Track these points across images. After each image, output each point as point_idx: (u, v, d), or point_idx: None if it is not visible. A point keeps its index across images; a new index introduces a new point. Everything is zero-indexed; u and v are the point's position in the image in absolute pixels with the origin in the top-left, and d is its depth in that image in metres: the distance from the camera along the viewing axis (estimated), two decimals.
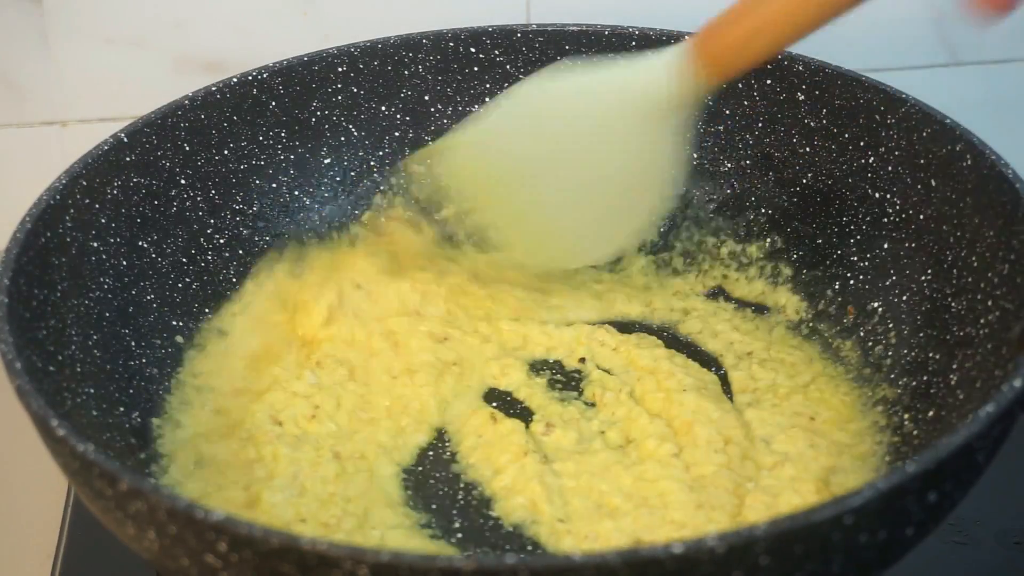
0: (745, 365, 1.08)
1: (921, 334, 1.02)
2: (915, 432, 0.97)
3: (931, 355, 1.00)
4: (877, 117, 1.09)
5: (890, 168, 1.08)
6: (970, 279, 0.99)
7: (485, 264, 1.15)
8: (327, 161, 1.18)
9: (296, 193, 1.17)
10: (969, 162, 1.01)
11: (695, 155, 1.19)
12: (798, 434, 1.00)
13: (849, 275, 1.10)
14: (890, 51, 1.36)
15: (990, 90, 1.39)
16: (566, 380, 1.08)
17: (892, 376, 1.02)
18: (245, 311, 1.11)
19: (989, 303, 0.96)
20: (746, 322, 1.12)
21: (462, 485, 0.98)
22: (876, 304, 1.07)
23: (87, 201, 1.02)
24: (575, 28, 1.20)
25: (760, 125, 1.16)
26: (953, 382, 0.96)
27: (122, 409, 0.98)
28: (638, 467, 0.97)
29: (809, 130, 1.13)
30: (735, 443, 0.99)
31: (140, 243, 1.07)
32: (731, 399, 1.04)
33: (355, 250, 1.16)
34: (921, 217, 1.05)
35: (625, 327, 1.12)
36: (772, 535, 0.72)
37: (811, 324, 1.11)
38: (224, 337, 1.09)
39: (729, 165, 1.18)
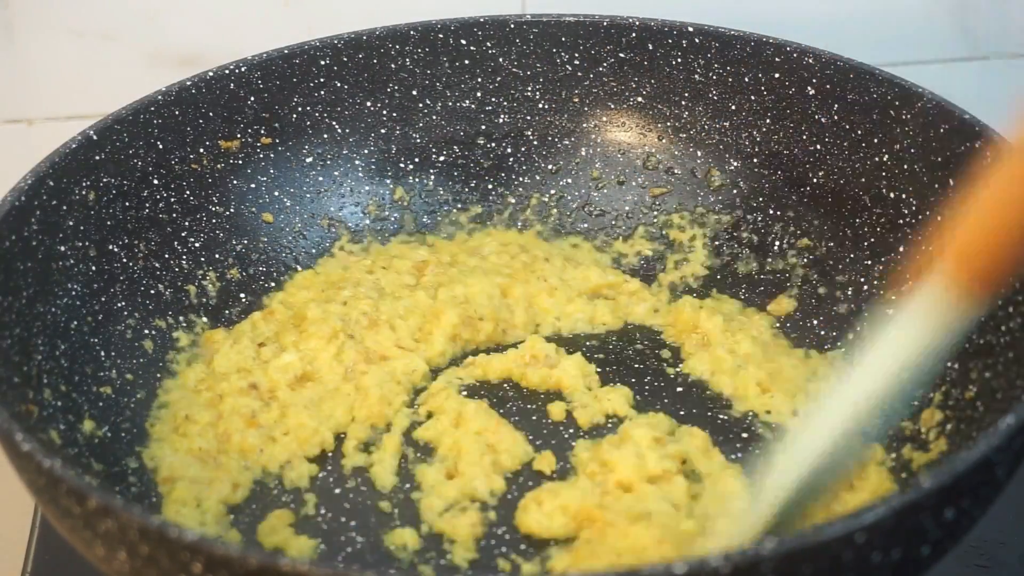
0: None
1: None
2: (931, 445, 0.98)
3: (949, 364, 1.00)
4: (892, 112, 1.09)
5: (906, 166, 1.08)
6: None
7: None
8: (309, 160, 1.19)
9: (276, 194, 1.17)
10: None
11: (699, 153, 1.19)
12: None
13: (863, 280, 1.10)
14: (907, 43, 1.36)
15: (1013, 84, 1.39)
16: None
17: (907, 388, 1.03)
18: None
19: (1010, 309, 0.96)
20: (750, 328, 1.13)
21: None
22: (891, 311, 1.07)
23: (54, 203, 1.03)
24: (572, 19, 1.20)
25: (768, 121, 1.16)
26: (972, 393, 0.96)
27: (91, 422, 0.98)
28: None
29: (820, 126, 1.14)
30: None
31: (110, 247, 1.07)
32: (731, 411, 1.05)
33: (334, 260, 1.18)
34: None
35: (627, 333, 1.14)
36: (779, 554, 0.72)
37: (821, 333, 1.11)
38: (197, 347, 1.10)
39: (736, 164, 1.18)
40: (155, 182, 1.11)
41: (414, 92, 1.21)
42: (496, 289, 1.14)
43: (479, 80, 1.21)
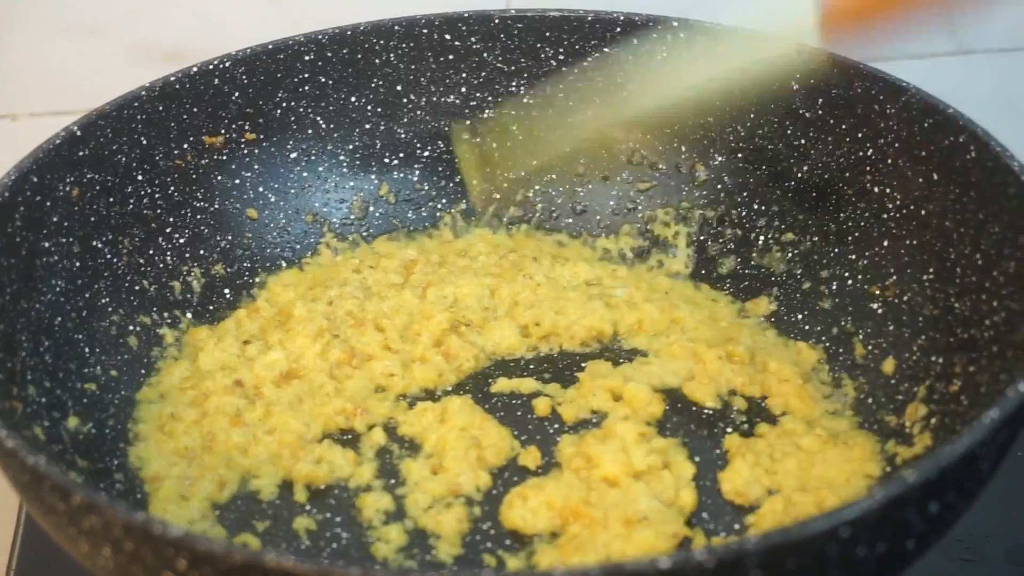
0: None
1: (923, 337, 1.02)
2: (915, 440, 0.98)
3: (933, 359, 1.00)
4: (876, 107, 1.09)
5: (890, 161, 1.09)
6: (974, 278, 0.99)
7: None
8: (293, 155, 1.19)
9: (260, 190, 1.17)
10: (973, 154, 1.01)
11: (684, 148, 1.19)
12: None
13: (847, 274, 1.10)
14: (891, 39, 1.36)
15: (996, 80, 1.40)
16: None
17: (892, 381, 1.03)
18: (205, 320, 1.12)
19: (995, 303, 0.96)
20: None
21: None
22: (875, 305, 1.07)
23: (38, 199, 1.02)
24: (556, 13, 1.20)
25: (752, 116, 1.16)
26: (956, 387, 0.97)
27: (76, 419, 0.98)
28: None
29: (804, 121, 1.14)
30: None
31: (94, 243, 1.07)
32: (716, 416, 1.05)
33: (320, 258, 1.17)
34: (923, 212, 1.05)
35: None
36: (764, 549, 0.73)
37: (805, 327, 1.11)
38: (181, 344, 1.10)
39: (720, 159, 1.18)
40: (139, 178, 1.11)
41: (398, 87, 1.21)
42: (486, 291, 1.14)
43: (464, 75, 1.21)
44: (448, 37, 1.20)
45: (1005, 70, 1.40)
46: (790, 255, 1.14)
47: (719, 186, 1.18)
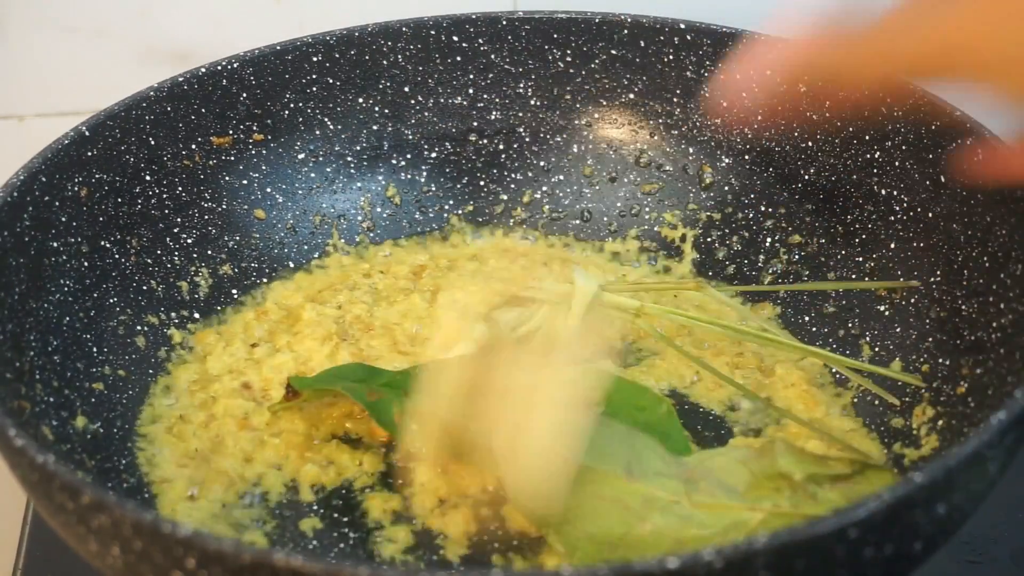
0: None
1: (929, 339, 1.02)
2: (923, 441, 0.98)
3: (940, 361, 1.00)
4: (883, 109, 1.09)
5: (897, 163, 1.09)
6: (981, 280, 0.99)
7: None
8: (301, 156, 1.19)
9: (268, 190, 1.17)
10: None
11: (691, 150, 1.19)
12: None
13: (854, 277, 1.10)
14: None
15: None
16: None
17: (899, 383, 1.03)
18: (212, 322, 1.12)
19: (1002, 306, 0.97)
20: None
21: None
22: (882, 307, 1.07)
23: (46, 199, 1.03)
24: (564, 15, 1.20)
25: (759, 118, 1.16)
26: (963, 390, 0.97)
27: (83, 418, 0.99)
28: None
29: (811, 123, 1.14)
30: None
31: (103, 243, 1.07)
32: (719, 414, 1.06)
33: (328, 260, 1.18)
34: (930, 215, 1.06)
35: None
36: (772, 549, 0.73)
37: (812, 330, 1.11)
38: (189, 346, 1.10)
39: (727, 161, 1.18)
40: (147, 178, 1.11)
41: (406, 89, 1.21)
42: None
43: (471, 77, 1.21)
44: (456, 39, 1.21)
45: None
46: (797, 257, 1.14)
47: (726, 188, 1.18)
